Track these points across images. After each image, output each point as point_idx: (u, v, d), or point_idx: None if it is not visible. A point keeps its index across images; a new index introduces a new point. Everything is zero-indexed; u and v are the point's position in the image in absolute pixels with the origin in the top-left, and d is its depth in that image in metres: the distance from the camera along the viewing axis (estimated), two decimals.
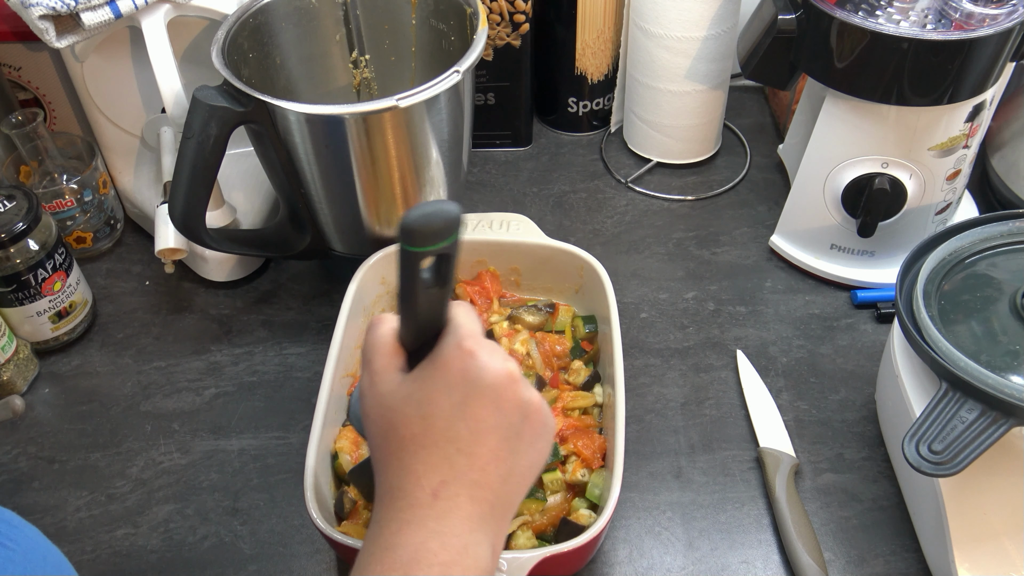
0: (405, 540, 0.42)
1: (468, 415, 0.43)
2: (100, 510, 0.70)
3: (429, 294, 0.43)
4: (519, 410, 0.44)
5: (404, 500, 0.43)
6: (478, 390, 0.43)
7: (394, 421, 0.44)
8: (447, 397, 0.43)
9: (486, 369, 0.43)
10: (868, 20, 0.71)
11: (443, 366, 0.44)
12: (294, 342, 0.83)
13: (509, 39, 0.95)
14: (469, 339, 0.44)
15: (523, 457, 0.45)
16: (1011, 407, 0.54)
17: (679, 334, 0.82)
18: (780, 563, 0.65)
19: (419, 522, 0.42)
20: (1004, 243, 0.66)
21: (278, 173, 0.75)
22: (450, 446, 0.43)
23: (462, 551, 0.42)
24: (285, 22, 0.81)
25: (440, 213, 0.40)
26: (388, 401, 0.44)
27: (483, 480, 0.43)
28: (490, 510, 0.44)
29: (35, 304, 0.78)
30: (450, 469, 0.43)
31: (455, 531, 0.42)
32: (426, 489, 0.43)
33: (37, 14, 0.68)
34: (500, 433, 0.44)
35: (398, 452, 0.44)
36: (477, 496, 0.43)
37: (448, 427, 0.43)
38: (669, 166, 1.00)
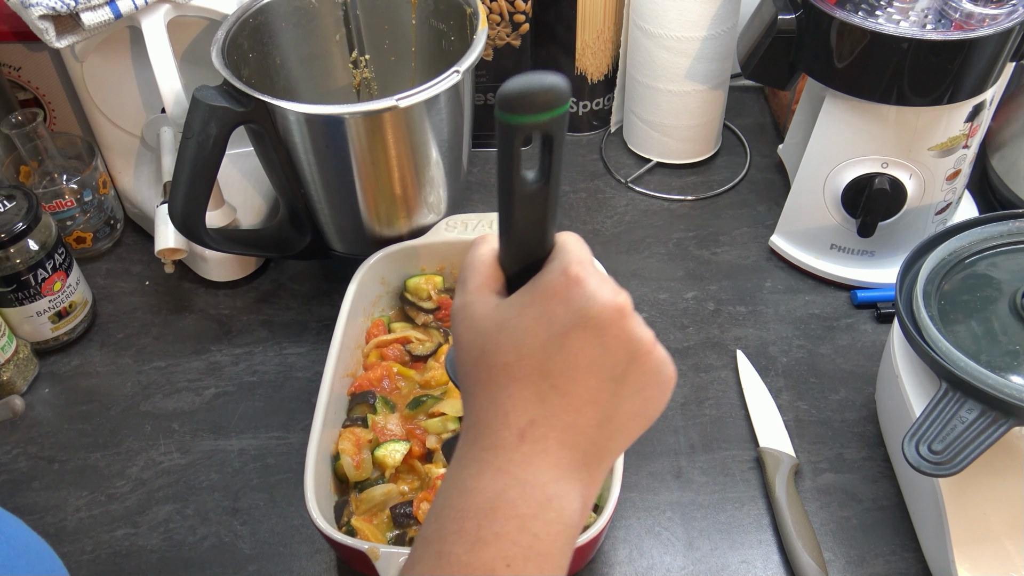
0: (484, 485, 0.38)
1: (567, 348, 0.38)
2: (100, 510, 0.70)
3: (530, 193, 0.38)
4: (626, 349, 0.39)
5: (488, 439, 0.39)
6: (581, 321, 0.38)
7: (485, 347, 0.39)
8: (546, 326, 0.38)
9: (593, 299, 0.38)
10: (868, 20, 0.71)
11: (545, 291, 0.39)
12: (294, 342, 0.83)
13: (509, 39, 0.95)
14: (576, 264, 0.39)
15: (626, 403, 0.40)
16: (1011, 407, 0.54)
17: (679, 334, 0.82)
18: (780, 563, 0.65)
19: (501, 465, 0.38)
20: (1004, 243, 0.66)
21: (278, 173, 0.75)
22: (544, 382, 0.38)
23: (545, 504, 0.37)
24: (285, 22, 0.81)
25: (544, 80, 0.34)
26: (481, 325, 0.40)
27: (577, 423, 0.39)
28: (583, 458, 0.39)
29: (35, 304, 0.78)
30: (541, 407, 0.38)
31: (539, 480, 0.38)
32: (513, 429, 0.38)
33: (37, 14, 0.68)
34: (601, 372, 0.39)
35: (487, 383, 0.39)
36: (568, 441, 0.38)
37: (544, 360, 0.38)
38: (669, 166, 1.00)
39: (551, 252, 0.40)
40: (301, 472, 0.61)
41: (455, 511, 0.38)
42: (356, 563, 0.60)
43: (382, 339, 0.75)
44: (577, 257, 0.39)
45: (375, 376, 0.72)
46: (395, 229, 0.79)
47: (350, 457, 0.65)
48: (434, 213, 0.80)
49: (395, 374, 0.72)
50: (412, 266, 0.79)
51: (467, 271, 0.42)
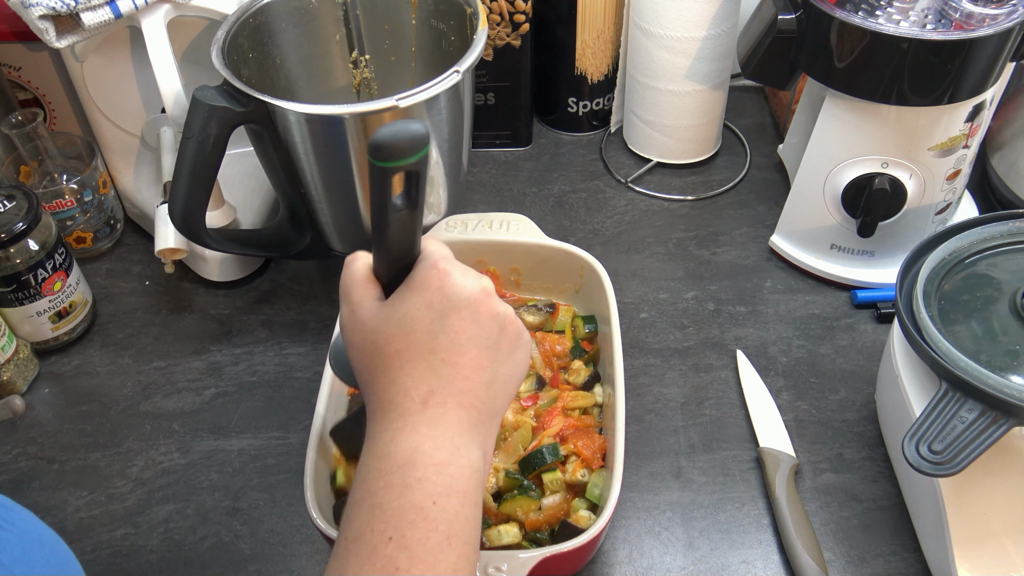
0: (399, 446, 0.43)
1: (448, 328, 0.45)
2: (100, 510, 0.70)
3: (400, 217, 0.44)
4: (495, 322, 0.47)
5: (395, 411, 0.45)
6: (456, 304, 0.45)
7: (377, 342, 0.46)
8: (426, 313, 0.45)
9: (461, 285, 0.46)
10: (868, 20, 0.71)
11: (420, 285, 0.46)
12: (294, 342, 0.83)
13: (509, 39, 0.95)
14: (443, 260, 0.46)
15: (503, 366, 0.47)
16: (1011, 407, 0.54)
17: (679, 334, 0.82)
18: (780, 563, 0.65)
19: (411, 428, 0.44)
20: (1004, 243, 0.66)
21: (278, 173, 0.75)
22: (434, 357, 0.45)
23: (455, 451, 0.44)
24: (285, 22, 0.81)
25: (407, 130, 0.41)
26: (369, 325, 0.46)
27: (468, 388, 0.46)
28: (477, 416, 0.46)
29: (35, 304, 0.78)
30: (436, 378, 0.45)
31: (447, 434, 0.44)
32: (415, 399, 0.45)
33: (37, 14, 0.68)
34: (480, 344, 0.46)
35: (384, 369, 0.46)
36: (464, 403, 0.45)
37: (430, 340, 0.45)
38: (669, 166, 1.00)
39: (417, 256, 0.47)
40: (301, 472, 0.61)
41: (378, 471, 0.43)
42: None
43: None
44: (442, 255, 0.47)
45: None
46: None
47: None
48: (434, 213, 0.80)
49: None
50: None
51: (347, 286, 0.48)
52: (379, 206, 0.44)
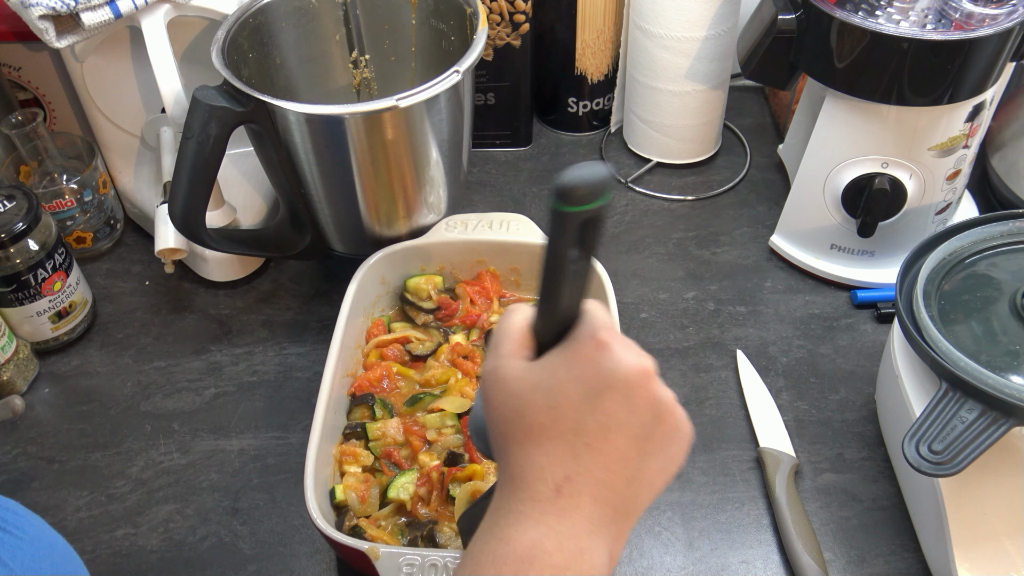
0: (520, 534, 0.40)
1: (598, 409, 0.41)
2: (100, 510, 0.70)
3: (575, 269, 0.41)
4: (652, 409, 0.42)
5: (525, 492, 0.41)
6: (610, 384, 0.41)
7: (520, 408, 0.42)
8: (577, 387, 0.41)
9: (620, 362, 0.41)
10: (868, 20, 0.71)
11: (575, 355, 0.41)
12: (294, 342, 0.83)
13: (509, 39, 0.95)
14: (603, 331, 0.42)
15: (652, 461, 0.42)
16: (1011, 407, 0.54)
17: (679, 334, 0.82)
18: (780, 563, 0.65)
19: (537, 517, 0.40)
20: (1004, 243, 0.66)
21: (278, 173, 0.75)
22: (578, 440, 0.41)
23: (578, 555, 0.40)
24: (285, 22, 0.81)
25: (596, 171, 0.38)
26: (514, 387, 0.42)
27: (609, 480, 0.41)
28: (612, 513, 0.41)
29: (35, 304, 0.78)
30: (576, 464, 0.41)
31: (573, 532, 0.40)
32: (549, 483, 0.40)
33: (37, 14, 0.68)
34: (630, 432, 0.41)
35: (523, 441, 0.42)
36: (600, 497, 0.41)
37: (577, 419, 0.41)
38: (669, 166, 1.00)
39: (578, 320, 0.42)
40: (301, 472, 0.61)
41: (493, 557, 0.40)
42: (356, 563, 0.60)
43: (382, 339, 0.75)
44: (603, 323, 0.42)
45: (375, 376, 0.72)
46: (395, 229, 0.79)
47: (355, 493, 0.64)
48: (434, 213, 0.80)
49: (395, 374, 0.73)
50: (412, 266, 0.79)
51: (501, 336, 0.44)
52: (555, 256, 0.40)
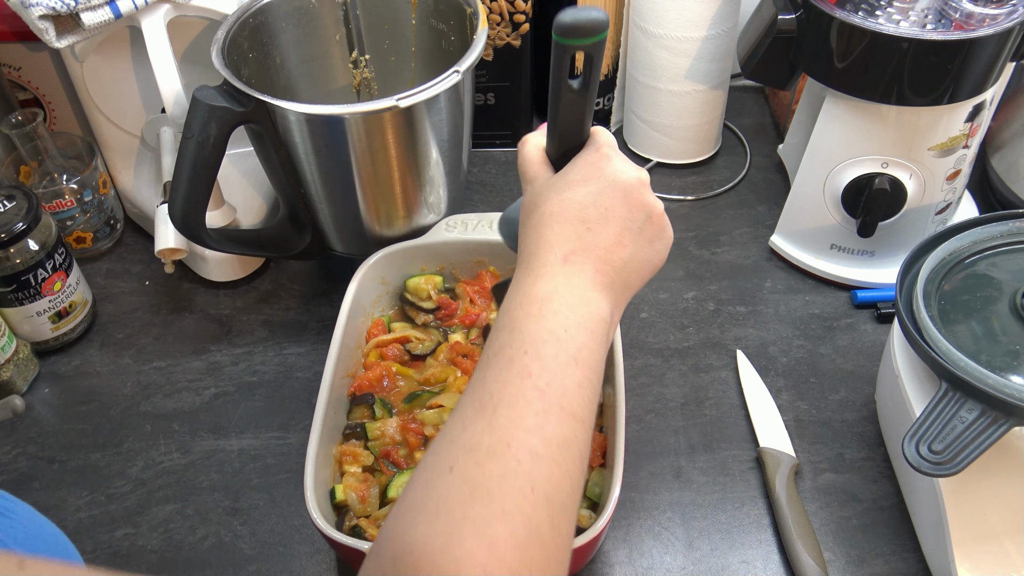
0: (539, 287, 0.48)
1: (600, 203, 0.50)
2: (100, 510, 0.70)
3: (573, 97, 0.49)
4: (643, 210, 0.51)
5: (538, 261, 0.49)
6: (611, 185, 0.50)
7: (537, 202, 0.52)
8: (584, 186, 0.50)
9: (620, 170, 0.51)
10: (868, 20, 0.71)
11: (583, 162, 0.51)
12: (294, 342, 0.83)
13: (509, 39, 0.95)
14: (608, 147, 0.52)
15: (642, 251, 0.51)
16: (1011, 407, 0.54)
17: (679, 334, 0.82)
18: (780, 563, 0.65)
19: (551, 275, 0.48)
20: (1004, 243, 0.66)
21: (278, 173, 0.75)
22: (581, 224, 0.49)
23: (586, 299, 0.48)
24: (285, 22, 0.81)
25: (590, 13, 0.48)
26: (536, 187, 0.52)
27: (607, 257, 0.50)
28: (610, 281, 0.50)
29: (35, 304, 0.78)
30: (579, 241, 0.49)
31: (581, 286, 0.48)
32: (558, 253, 0.49)
33: (37, 14, 0.68)
34: (625, 224, 0.50)
35: (537, 225, 0.51)
36: (600, 269, 0.49)
37: (582, 208, 0.50)
38: (669, 166, 1.00)
39: (587, 140, 0.53)
40: (301, 472, 0.61)
41: (519, 305, 0.48)
42: (356, 563, 0.60)
43: (381, 339, 0.75)
44: (608, 142, 0.52)
45: (374, 376, 0.72)
46: (395, 229, 0.79)
47: (355, 492, 0.64)
48: (434, 213, 0.80)
49: (394, 373, 0.73)
50: (412, 266, 0.79)
51: (523, 164, 0.54)
52: (556, 85, 0.49)
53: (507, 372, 0.45)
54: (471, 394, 0.45)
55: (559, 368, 0.45)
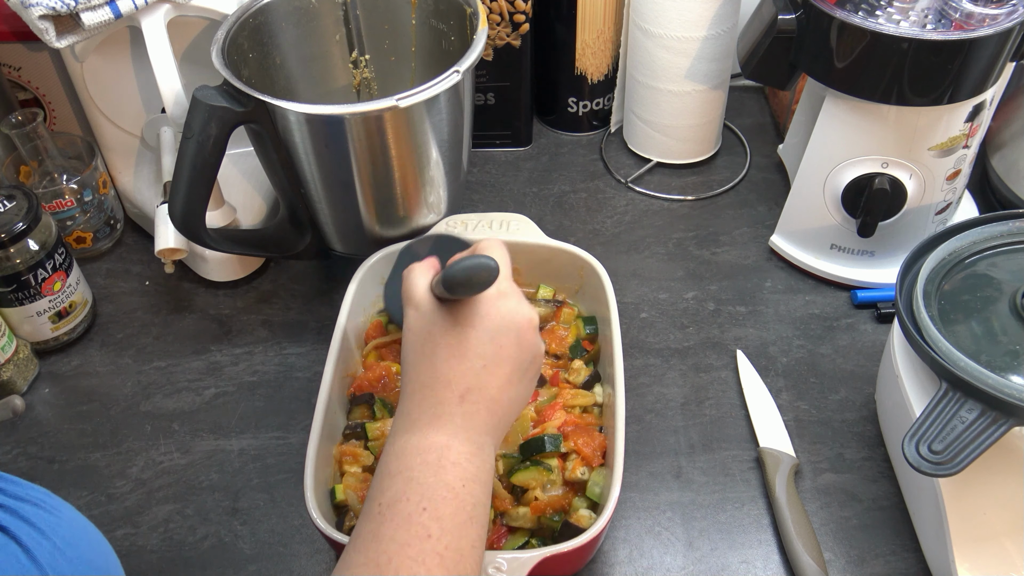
0: (437, 430, 0.49)
1: (496, 342, 0.51)
2: (100, 510, 0.70)
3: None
4: (531, 351, 0.53)
5: (434, 397, 0.50)
6: (507, 325, 0.52)
7: (432, 331, 0.52)
8: (481, 322, 0.51)
9: (517, 311, 0.52)
10: (868, 20, 0.71)
11: (480, 299, 0.52)
12: (294, 342, 0.83)
13: (509, 39, 0.95)
14: (505, 281, 0.53)
15: (523, 389, 0.53)
16: (1011, 407, 0.54)
17: (679, 334, 0.82)
18: (780, 563, 0.65)
19: (447, 419, 0.50)
20: (1004, 243, 0.66)
21: (278, 173, 0.75)
22: (478, 361, 0.51)
23: (480, 448, 0.50)
24: (285, 22, 0.81)
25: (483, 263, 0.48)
26: (430, 317, 0.52)
27: (498, 397, 0.51)
28: (497, 423, 0.52)
29: (35, 304, 0.78)
30: (476, 380, 0.51)
31: (475, 431, 0.50)
32: (455, 391, 0.50)
33: (37, 14, 0.68)
34: (515, 365, 0.52)
35: (431, 357, 0.51)
36: (491, 409, 0.51)
37: (479, 345, 0.51)
38: (669, 166, 1.00)
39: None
40: (301, 472, 0.61)
41: (415, 449, 0.49)
42: None
43: (379, 341, 0.75)
44: (504, 274, 0.53)
45: (374, 376, 0.72)
46: (395, 229, 0.79)
47: (355, 493, 0.64)
48: (434, 213, 0.80)
49: (394, 374, 0.72)
50: None
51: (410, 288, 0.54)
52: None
53: (405, 531, 0.45)
54: (365, 551, 0.45)
55: (457, 528, 0.46)
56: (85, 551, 0.46)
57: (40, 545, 0.42)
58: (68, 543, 0.44)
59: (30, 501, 0.45)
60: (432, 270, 0.55)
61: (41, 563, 0.42)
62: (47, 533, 0.44)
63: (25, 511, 0.44)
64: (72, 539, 0.45)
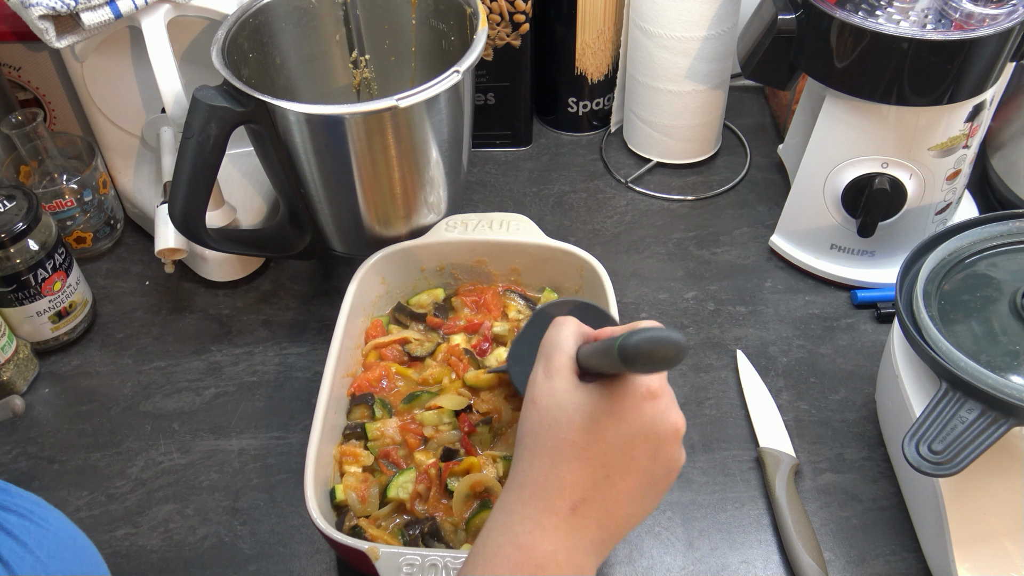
0: (536, 543, 0.44)
1: (627, 449, 0.45)
2: (100, 510, 0.70)
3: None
4: (667, 465, 0.47)
5: (544, 503, 0.45)
6: (647, 432, 0.45)
7: (560, 420, 0.46)
8: (617, 424, 0.45)
9: (664, 418, 0.46)
10: (868, 20, 0.71)
11: (624, 393, 0.45)
12: (294, 342, 0.83)
13: (509, 39, 0.95)
14: (659, 379, 0.46)
15: (647, 505, 0.48)
16: (1011, 407, 0.54)
17: None
18: (780, 563, 0.65)
19: (552, 530, 0.45)
20: (1004, 243, 0.66)
21: (278, 173, 0.75)
22: (602, 470, 0.45)
23: (580, 569, 0.45)
24: (285, 22, 0.81)
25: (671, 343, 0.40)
26: (560, 399, 0.46)
27: (614, 511, 0.46)
28: (607, 539, 0.46)
29: (35, 304, 0.78)
30: (594, 490, 0.45)
31: (580, 549, 0.45)
32: (567, 500, 0.45)
33: (37, 14, 0.68)
34: (645, 478, 0.46)
35: (551, 452, 0.46)
36: (604, 524, 0.46)
37: (606, 451, 0.45)
38: (669, 166, 1.00)
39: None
40: (301, 472, 0.61)
41: (508, 561, 0.44)
42: (356, 563, 0.60)
43: (379, 341, 0.75)
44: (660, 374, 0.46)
45: (374, 376, 0.72)
46: (395, 229, 0.79)
47: (355, 492, 0.64)
48: (434, 213, 0.80)
49: (394, 374, 0.72)
50: (412, 266, 0.79)
51: (552, 349, 0.49)
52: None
53: None
54: None
55: None
56: (70, 564, 0.45)
57: (22, 559, 0.41)
58: (52, 556, 0.43)
59: (16, 512, 0.44)
60: (584, 336, 0.49)
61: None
62: (30, 546, 0.43)
63: (9, 523, 0.43)
64: (57, 552, 0.44)
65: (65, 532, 0.46)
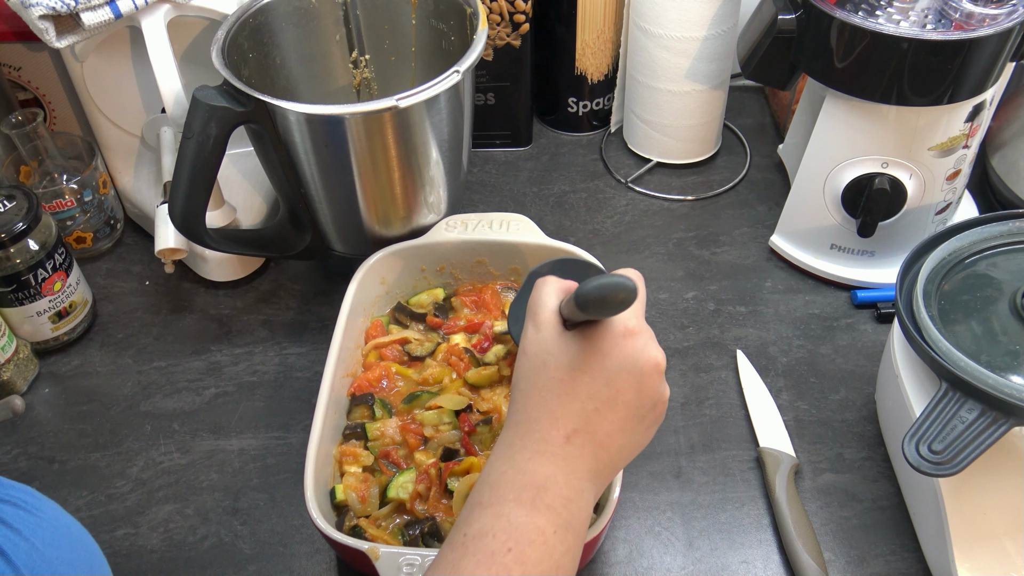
0: (536, 467, 0.47)
1: (613, 383, 0.48)
2: (100, 510, 0.70)
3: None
4: (652, 397, 0.49)
5: (539, 434, 0.48)
6: (628, 367, 0.48)
7: (548, 362, 0.49)
8: (601, 361, 0.48)
9: (643, 352, 0.48)
10: (868, 20, 0.71)
11: (605, 334, 0.48)
12: (294, 342, 0.83)
13: (509, 39, 0.95)
14: (635, 318, 0.49)
15: (637, 438, 0.50)
16: (1011, 407, 0.54)
17: (679, 334, 0.82)
18: (780, 563, 0.65)
19: (549, 457, 0.47)
20: (1004, 243, 0.66)
21: (278, 173, 0.75)
22: (590, 403, 0.48)
23: (579, 492, 0.47)
24: (285, 22, 0.81)
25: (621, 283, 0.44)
26: (548, 345, 0.50)
27: (606, 442, 0.48)
28: (601, 468, 0.49)
29: (35, 304, 0.78)
30: (585, 422, 0.48)
31: (577, 475, 0.47)
32: (561, 431, 0.48)
33: (37, 14, 0.68)
34: (631, 411, 0.49)
35: (542, 390, 0.49)
36: (597, 454, 0.48)
37: (593, 386, 0.48)
38: (669, 166, 1.00)
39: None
40: (301, 472, 0.61)
41: (511, 484, 0.46)
42: (356, 563, 0.60)
43: (379, 341, 0.75)
44: (636, 311, 0.49)
45: (374, 376, 0.72)
46: (395, 229, 0.79)
47: (355, 492, 0.64)
48: (434, 213, 0.80)
49: (394, 374, 0.73)
50: (412, 266, 0.79)
51: (536, 305, 0.52)
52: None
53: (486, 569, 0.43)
54: None
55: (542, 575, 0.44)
56: (66, 551, 0.45)
57: (17, 546, 0.42)
58: (48, 544, 0.44)
59: (9, 502, 0.44)
60: (564, 291, 0.52)
61: (17, 564, 0.41)
62: (25, 534, 0.43)
63: (4, 512, 0.43)
64: (52, 539, 0.44)
65: (60, 521, 0.47)
